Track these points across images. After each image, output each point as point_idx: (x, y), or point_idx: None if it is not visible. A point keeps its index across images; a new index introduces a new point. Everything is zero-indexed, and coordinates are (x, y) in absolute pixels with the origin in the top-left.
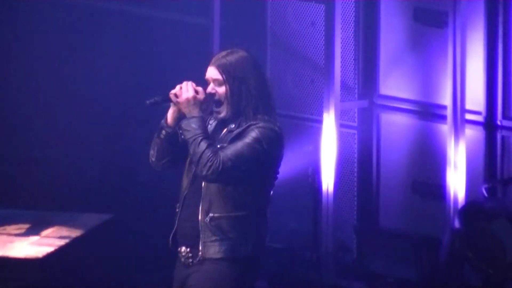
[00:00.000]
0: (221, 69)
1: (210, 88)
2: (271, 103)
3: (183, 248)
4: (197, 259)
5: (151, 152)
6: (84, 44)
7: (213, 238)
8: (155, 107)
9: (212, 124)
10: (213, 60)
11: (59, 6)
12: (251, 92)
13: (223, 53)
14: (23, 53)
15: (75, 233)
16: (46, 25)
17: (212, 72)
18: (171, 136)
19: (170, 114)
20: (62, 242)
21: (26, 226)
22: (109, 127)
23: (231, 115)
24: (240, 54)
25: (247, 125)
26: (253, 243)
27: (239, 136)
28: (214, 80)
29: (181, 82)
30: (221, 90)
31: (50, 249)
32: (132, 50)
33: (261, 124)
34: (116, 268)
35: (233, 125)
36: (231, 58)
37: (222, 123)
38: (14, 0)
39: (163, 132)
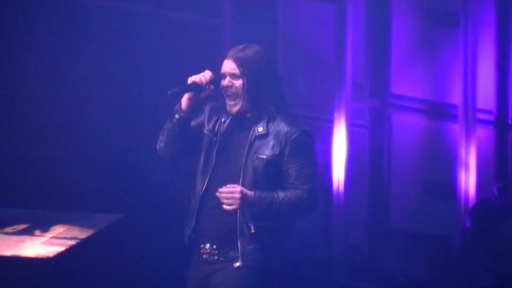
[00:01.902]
0: (239, 62)
1: (227, 81)
2: (285, 99)
3: (207, 245)
4: (226, 259)
5: (161, 138)
6: (94, 44)
7: (253, 246)
8: (176, 96)
9: (225, 121)
10: (230, 54)
11: (68, 5)
12: (268, 87)
13: (240, 46)
14: (31, 53)
15: (86, 233)
16: (55, 25)
17: (229, 66)
18: (184, 121)
19: (185, 100)
20: (73, 242)
21: (37, 225)
22: (120, 126)
23: (246, 110)
24: (256, 48)
25: (285, 138)
26: (282, 251)
27: (283, 151)
28: (231, 74)
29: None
30: (238, 83)
31: (61, 249)
32: (142, 50)
33: (298, 133)
34: (127, 268)
35: (261, 128)
36: (248, 52)
37: (239, 121)
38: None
39: (176, 116)
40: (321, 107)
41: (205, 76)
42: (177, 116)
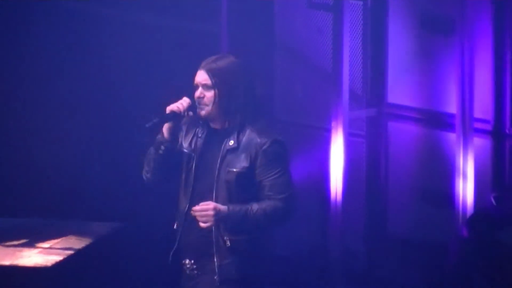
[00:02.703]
0: (211, 73)
1: (199, 92)
2: (259, 110)
3: (187, 261)
4: (204, 271)
5: (146, 168)
6: (92, 52)
7: (229, 260)
8: (155, 128)
9: (201, 136)
10: (202, 64)
11: (67, 13)
12: (241, 98)
13: (213, 57)
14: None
15: (84, 242)
16: (54, 32)
17: (201, 77)
18: (169, 150)
19: (166, 130)
20: (71, 251)
21: (35, 234)
22: (119, 135)
23: (216, 118)
24: (230, 59)
25: (255, 149)
26: (262, 263)
27: (253, 163)
28: (203, 85)
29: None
30: (209, 94)
31: (59, 258)
32: (140, 57)
33: (268, 143)
34: (126, 277)
35: (232, 141)
36: (221, 63)
37: (213, 134)
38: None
39: (162, 147)
40: (318, 116)
41: (182, 104)
42: (162, 147)
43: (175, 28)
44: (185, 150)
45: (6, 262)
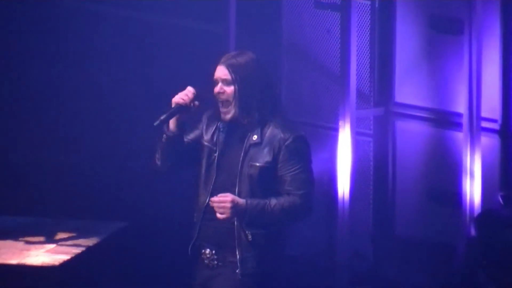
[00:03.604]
0: (231, 69)
1: (219, 87)
2: (278, 106)
3: (207, 251)
4: (225, 263)
5: (156, 155)
6: (99, 52)
7: (250, 253)
8: (163, 125)
9: (223, 130)
10: (222, 60)
11: (71, 11)
12: (261, 94)
13: (233, 53)
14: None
15: (91, 241)
16: (59, 31)
17: (221, 72)
18: (173, 139)
19: (172, 122)
20: (78, 250)
21: (42, 234)
22: (126, 134)
23: (240, 116)
24: (249, 55)
25: (278, 145)
26: (281, 258)
27: (276, 157)
28: (223, 80)
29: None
30: (229, 90)
31: (66, 257)
32: (148, 57)
33: (291, 138)
34: (132, 275)
35: (255, 136)
36: (241, 59)
37: (235, 128)
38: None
39: (164, 136)
40: (325, 115)
41: (187, 94)
42: (164, 136)
43: (183, 29)
44: (206, 143)
45: (14, 261)
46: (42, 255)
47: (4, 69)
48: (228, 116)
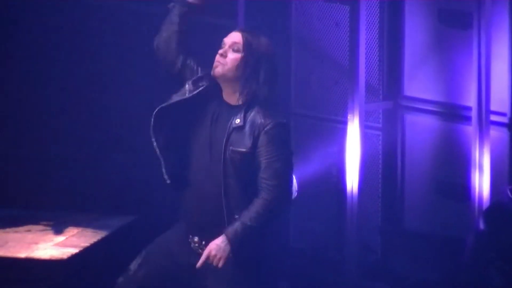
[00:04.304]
0: (246, 38)
1: (223, 50)
2: (274, 97)
3: (196, 239)
4: None
5: (162, 28)
6: (105, 45)
7: None
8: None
9: (207, 92)
10: (239, 28)
11: (79, 5)
12: (262, 76)
13: (253, 30)
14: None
15: (99, 234)
16: (63, 25)
17: (234, 36)
18: (182, 13)
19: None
20: (86, 244)
21: (50, 227)
22: (133, 128)
23: (229, 87)
24: (267, 39)
25: (258, 130)
26: (273, 244)
27: (255, 143)
28: (234, 43)
29: None
30: (234, 56)
31: (74, 251)
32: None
33: (271, 125)
34: None
35: (238, 120)
36: (259, 36)
37: (225, 110)
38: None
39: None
40: (334, 109)
41: None
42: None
43: (192, 22)
44: (187, 86)
45: (22, 254)
46: (51, 248)
47: (4, 66)
48: (218, 69)
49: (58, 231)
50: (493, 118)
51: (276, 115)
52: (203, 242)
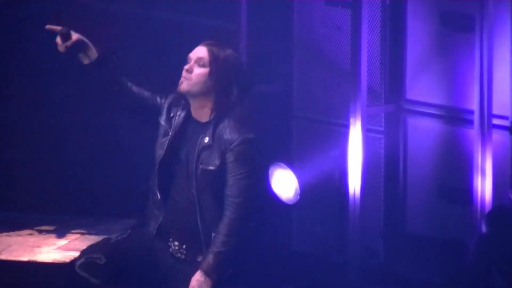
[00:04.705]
0: (211, 52)
1: (189, 65)
2: (245, 109)
3: (176, 243)
4: (193, 257)
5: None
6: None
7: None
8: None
9: (180, 115)
10: (205, 42)
11: (83, 9)
12: (230, 89)
13: (217, 42)
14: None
15: (102, 237)
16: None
17: (200, 50)
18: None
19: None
20: None
21: (53, 230)
22: (135, 131)
23: (196, 102)
24: (232, 50)
25: (224, 146)
26: (248, 257)
27: (223, 160)
28: (199, 58)
29: None
30: (200, 71)
31: (77, 254)
32: (158, 54)
33: (237, 141)
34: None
35: (207, 139)
36: (225, 48)
37: (193, 124)
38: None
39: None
40: (336, 112)
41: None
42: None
43: (193, 25)
44: (163, 123)
45: (25, 258)
46: (53, 252)
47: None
48: (184, 86)
49: (61, 234)
50: (495, 121)
51: (243, 130)
52: (184, 246)
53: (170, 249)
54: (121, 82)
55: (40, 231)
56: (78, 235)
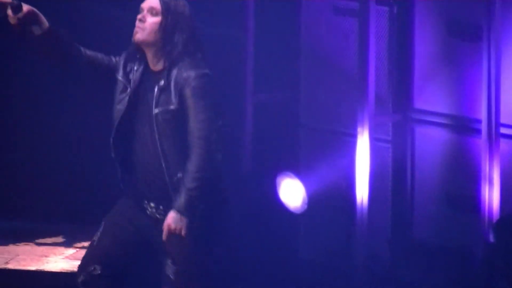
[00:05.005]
0: (163, 1)
1: (141, 15)
2: (197, 56)
3: (152, 204)
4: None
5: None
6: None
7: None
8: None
9: (138, 70)
10: None
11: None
12: (180, 42)
13: None
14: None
15: None
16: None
17: (152, 0)
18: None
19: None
20: None
21: (61, 239)
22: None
23: (151, 51)
24: (185, 2)
25: (181, 85)
26: (216, 199)
27: (181, 98)
28: (150, 8)
29: None
30: (152, 20)
31: None
32: None
33: (193, 76)
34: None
35: (162, 81)
36: None
37: (151, 75)
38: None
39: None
40: (344, 122)
41: None
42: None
43: (200, 33)
44: (120, 79)
45: (32, 267)
46: (61, 261)
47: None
48: (138, 36)
49: (69, 243)
50: (503, 130)
51: (199, 67)
52: (161, 207)
53: (148, 212)
54: (74, 46)
55: (48, 241)
56: (85, 244)
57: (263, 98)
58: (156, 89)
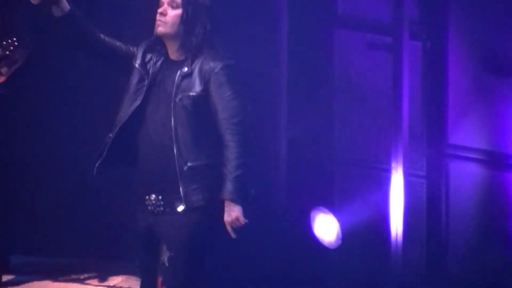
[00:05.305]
0: None
1: (162, 8)
2: (217, 46)
3: (153, 197)
4: (171, 206)
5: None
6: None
7: (195, 186)
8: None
9: (157, 62)
10: None
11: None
12: (202, 32)
13: None
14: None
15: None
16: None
17: None
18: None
19: None
20: None
21: (95, 275)
22: None
23: (172, 44)
24: None
25: (208, 74)
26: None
27: (207, 86)
28: (171, 1)
29: None
30: (174, 13)
31: None
32: None
33: (220, 66)
34: None
35: (186, 68)
36: None
37: (171, 64)
38: None
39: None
40: (378, 156)
41: None
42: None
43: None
44: (138, 67)
45: None
46: None
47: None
48: (160, 29)
49: (102, 279)
50: None
51: (223, 57)
52: (160, 197)
53: (149, 208)
54: (94, 31)
55: (81, 276)
56: (119, 280)
57: (297, 133)
58: (177, 75)
